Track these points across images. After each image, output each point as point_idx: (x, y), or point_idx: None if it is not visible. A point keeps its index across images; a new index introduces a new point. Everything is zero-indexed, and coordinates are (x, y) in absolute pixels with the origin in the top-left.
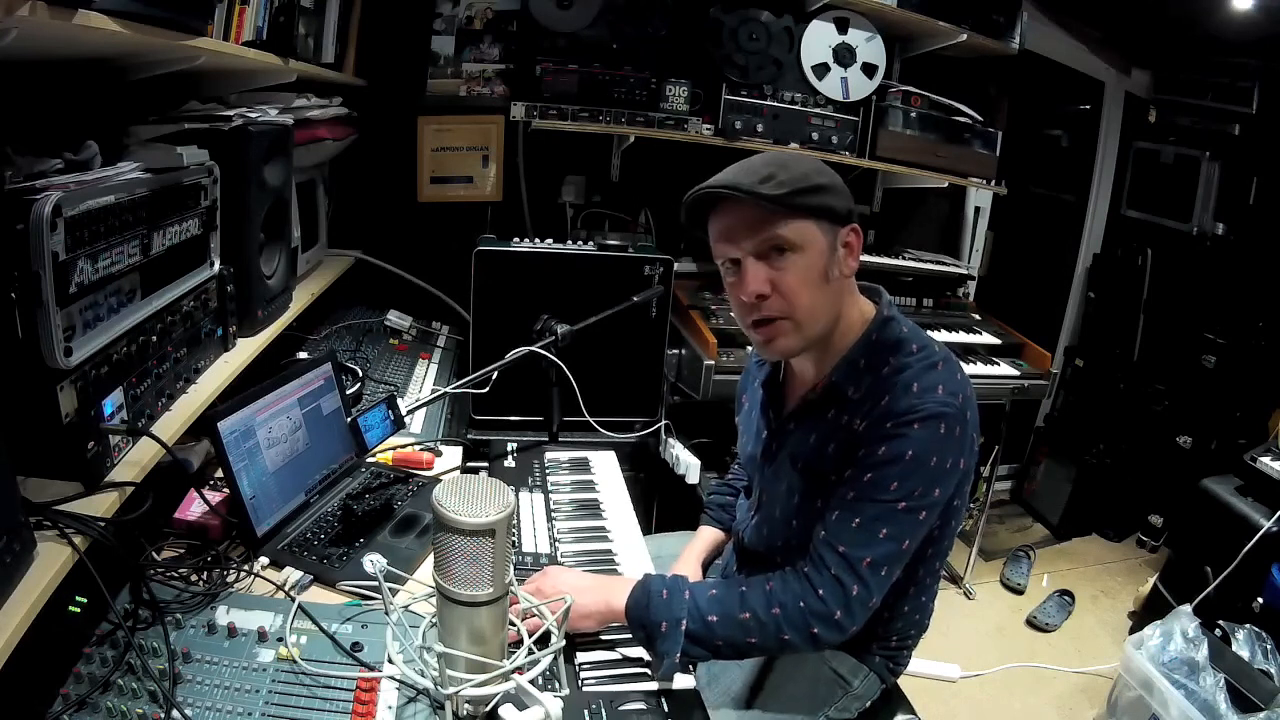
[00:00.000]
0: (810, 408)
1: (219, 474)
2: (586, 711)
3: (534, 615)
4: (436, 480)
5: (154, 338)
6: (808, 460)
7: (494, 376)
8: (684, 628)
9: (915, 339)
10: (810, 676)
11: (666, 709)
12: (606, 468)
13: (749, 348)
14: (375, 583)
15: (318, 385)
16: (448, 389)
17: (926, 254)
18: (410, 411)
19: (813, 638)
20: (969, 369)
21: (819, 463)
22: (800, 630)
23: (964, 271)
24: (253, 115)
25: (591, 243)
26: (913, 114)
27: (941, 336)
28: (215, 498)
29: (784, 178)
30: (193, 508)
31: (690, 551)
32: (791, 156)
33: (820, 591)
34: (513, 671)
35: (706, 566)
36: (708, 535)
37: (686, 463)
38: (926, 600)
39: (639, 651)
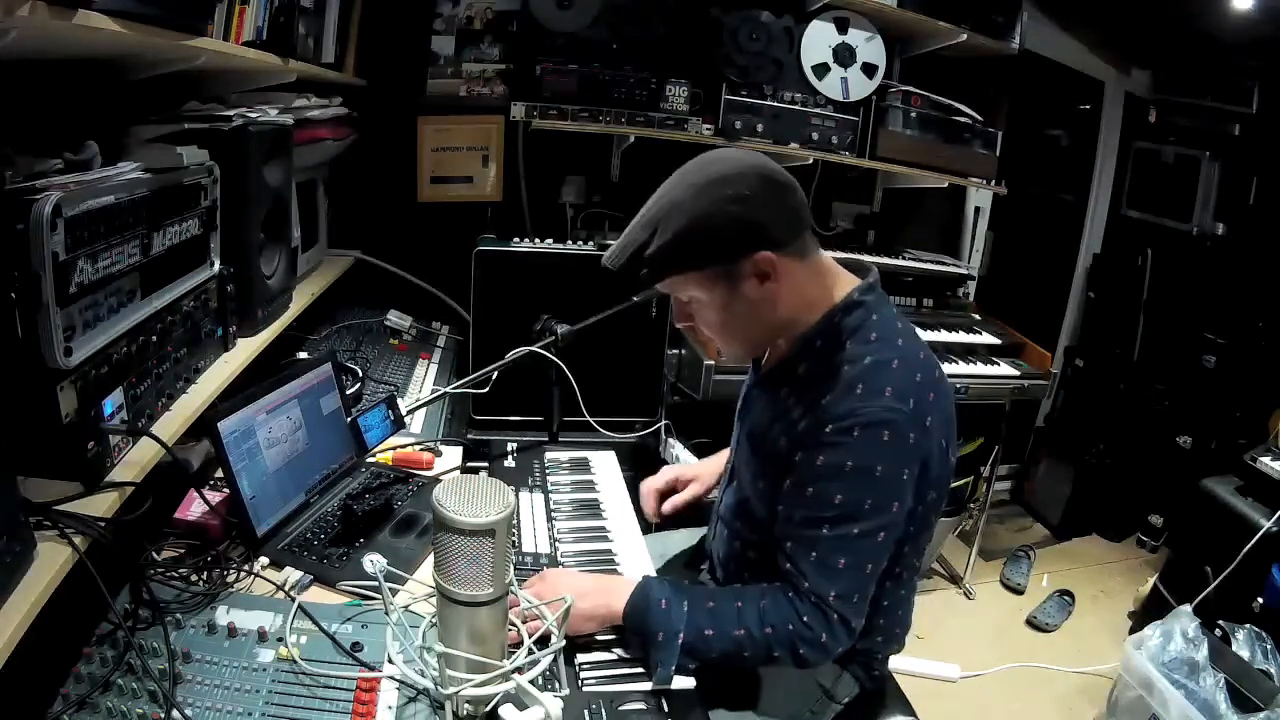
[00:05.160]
0: (769, 379)
1: (219, 474)
2: (586, 711)
3: (534, 615)
4: (436, 480)
5: (154, 338)
6: (758, 437)
7: (494, 376)
8: (680, 641)
9: (878, 329)
10: (789, 681)
11: (666, 709)
12: (606, 468)
13: None
14: (375, 583)
15: (318, 385)
16: (448, 389)
17: (926, 254)
18: (410, 411)
19: (799, 658)
20: (969, 369)
21: (766, 443)
22: (788, 650)
23: (964, 271)
24: (253, 115)
25: (591, 243)
26: (913, 114)
27: (941, 336)
28: (215, 498)
29: (654, 248)
30: (193, 508)
31: (718, 461)
32: (673, 204)
33: (805, 618)
34: (513, 671)
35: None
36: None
37: (686, 463)
38: (894, 604)
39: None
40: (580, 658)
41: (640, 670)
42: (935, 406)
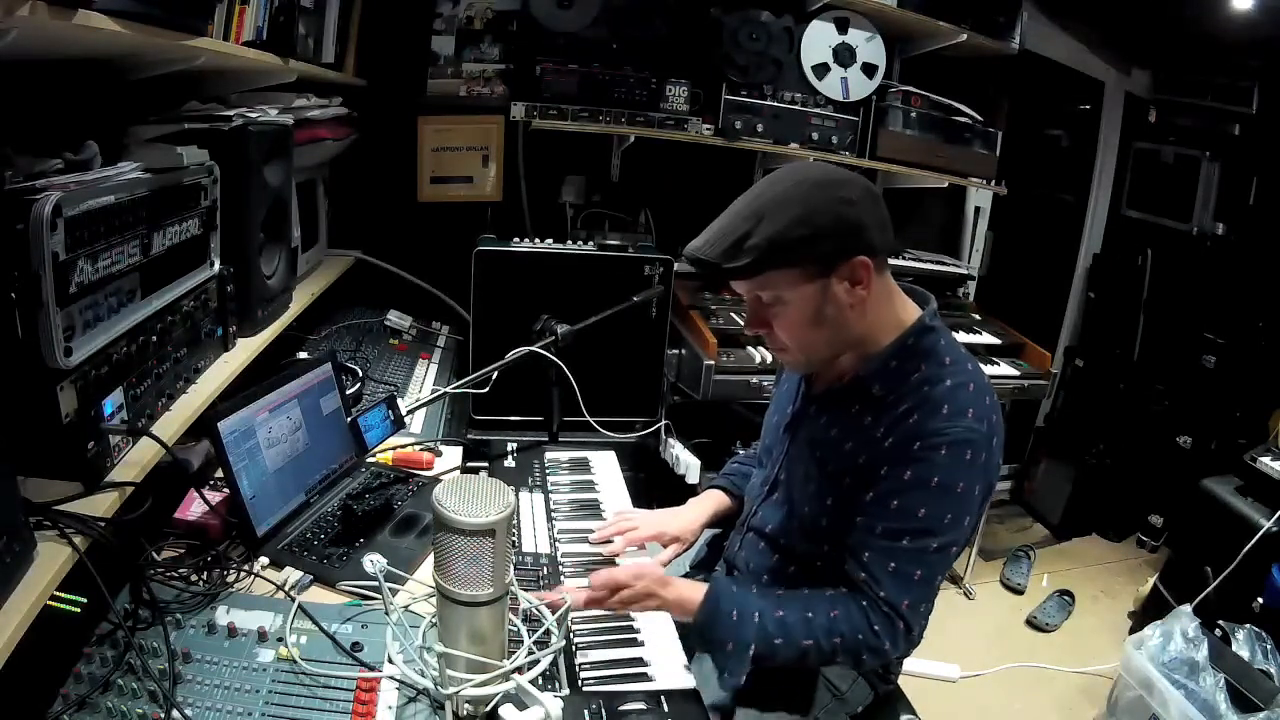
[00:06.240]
0: (835, 396)
1: (219, 474)
2: (586, 711)
3: (535, 616)
4: (436, 480)
5: (154, 338)
6: (825, 453)
7: (494, 376)
8: (751, 653)
9: (950, 353)
10: (801, 682)
11: (666, 709)
12: (606, 468)
13: (750, 347)
14: (375, 583)
15: (318, 385)
16: (448, 389)
17: (926, 254)
18: (410, 411)
19: (860, 663)
20: None
21: (835, 459)
22: (852, 657)
23: (964, 271)
24: (253, 115)
25: (591, 243)
26: (913, 114)
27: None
28: (215, 498)
29: (758, 239)
30: (193, 508)
31: (697, 514)
32: (781, 197)
33: (876, 629)
34: (513, 671)
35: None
36: (718, 500)
37: (686, 463)
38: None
39: (639, 651)
40: (580, 657)
41: (640, 671)
42: (998, 428)
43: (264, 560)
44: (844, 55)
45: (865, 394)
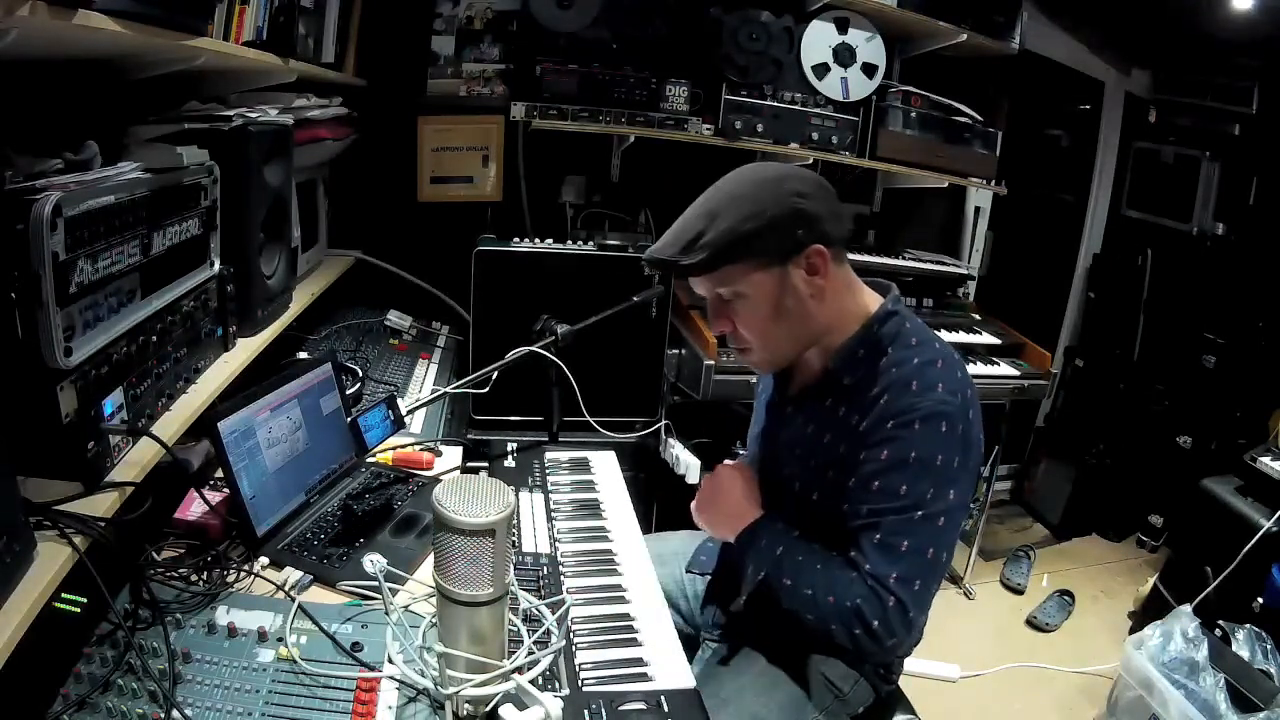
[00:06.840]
0: (809, 394)
1: (219, 474)
2: (586, 711)
3: (535, 616)
4: (436, 480)
5: (154, 338)
6: (805, 450)
7: (494, 376)
8: (761, 577)
9: (916, 334)
10: (802, 681)
11: (666, 709)
12: (606, 468)
13: None
14: (375, 583)
15: (318, 385)
16: (448, 389)
17: (926, 254)
18: (410, 411)
19: (853, 638)
20: (969, 369)
21: (817, 454)
22: (845, 627)
23: (964, 271)
24: (253, 115)
25: (591, 243)
26: (913, 114)
27: (941, 336)
28: (215, 498)
29: (710, 236)
30: (193, 508)
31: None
32: (733, 194)
33: (858, 600)
34: (513, 671)
35: None
36: None
37: (686, 463)
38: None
39: (639, 652)
40: (580, 657)
41: (640, 671)
42: (973, 401)
43: (264, 560)
44: (844, 55)
45: (837, 386)
